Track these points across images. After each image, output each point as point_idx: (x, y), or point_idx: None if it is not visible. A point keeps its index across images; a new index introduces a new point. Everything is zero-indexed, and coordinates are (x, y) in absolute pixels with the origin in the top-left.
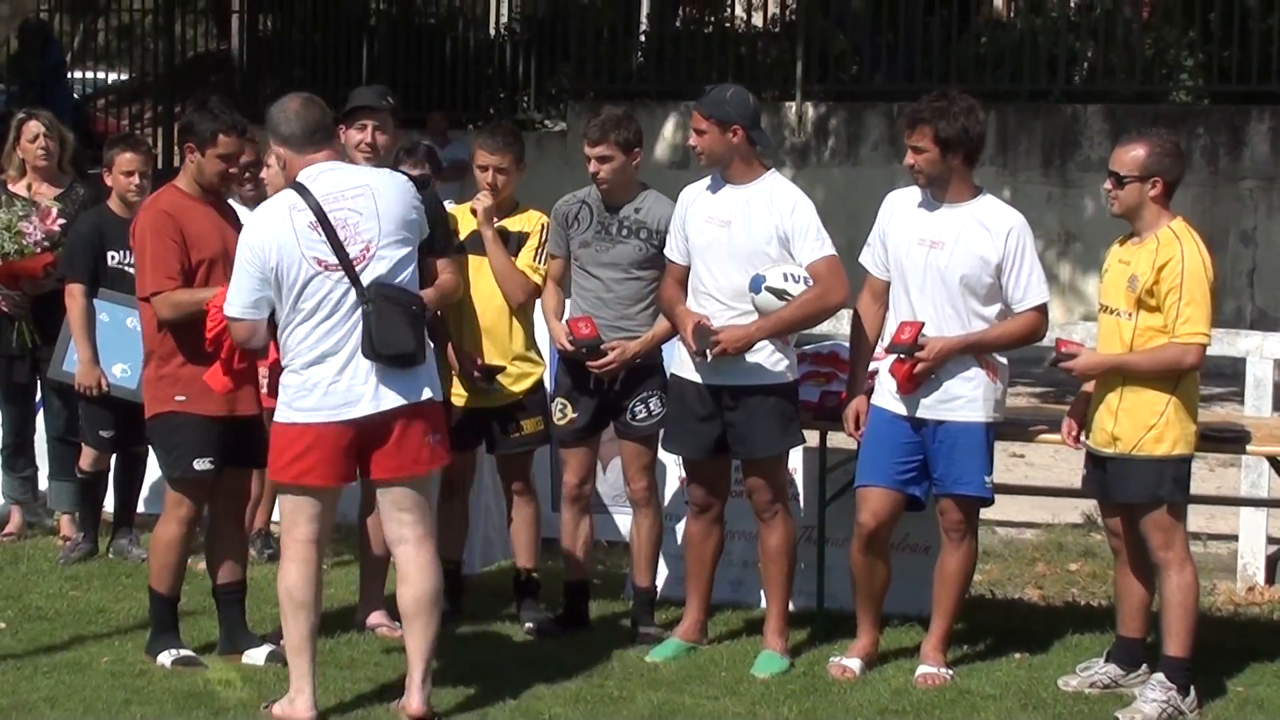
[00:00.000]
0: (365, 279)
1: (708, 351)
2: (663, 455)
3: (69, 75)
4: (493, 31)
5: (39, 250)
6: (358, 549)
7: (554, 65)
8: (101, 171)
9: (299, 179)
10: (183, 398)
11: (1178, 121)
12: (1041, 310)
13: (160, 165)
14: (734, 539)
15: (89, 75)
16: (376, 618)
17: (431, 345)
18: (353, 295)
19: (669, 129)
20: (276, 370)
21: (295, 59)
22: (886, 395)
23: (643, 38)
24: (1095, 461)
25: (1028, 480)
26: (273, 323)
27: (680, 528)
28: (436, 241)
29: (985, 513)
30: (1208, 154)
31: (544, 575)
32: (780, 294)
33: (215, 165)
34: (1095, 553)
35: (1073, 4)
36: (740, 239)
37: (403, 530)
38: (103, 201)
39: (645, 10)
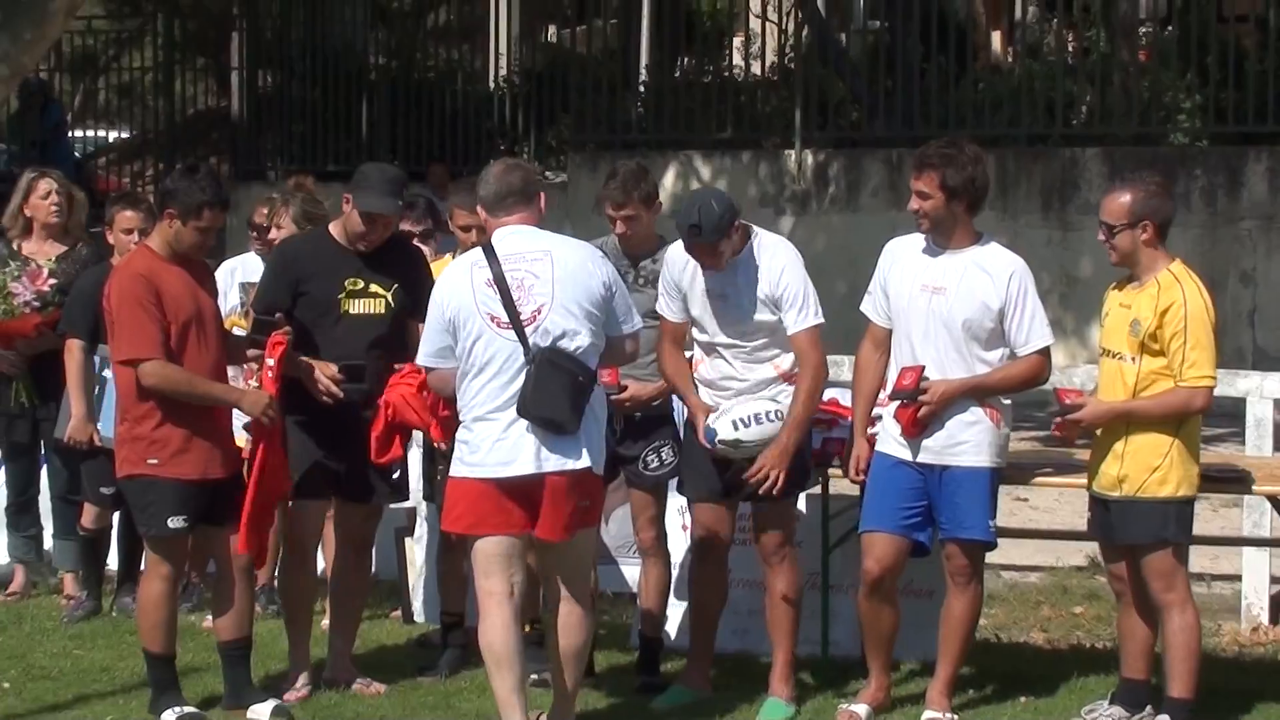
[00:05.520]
0: (533, 340)
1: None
2: (673, 504)
3: (70, 134)
4: (492, 84)
5: (27, 310)
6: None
7: (553, 117)
8: (104, 229)
9: (491, 238)
10: (154, 461)
11: (1176, 163)
12: (1044, 354)
13: None
14: (739, 587)
15: (90, 134)
16: (349, 675)
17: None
18: (520, 355)
19: (669, 179)
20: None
21: (295, 114)
22: (890, 441)
23: (642, 88)
24: (1100, 505)
25: (1031, 524)
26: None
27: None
28: (420, 303)
29: (989, 556)
30: (1206, 195)
31: (548, 626)
32: (734, 444)
33: (193, 237)
34: (1100, 595)
35: (1070, 48)
36: (735, 311)
37: (554, 586)
38: (105, 260)
39: (644, 61)
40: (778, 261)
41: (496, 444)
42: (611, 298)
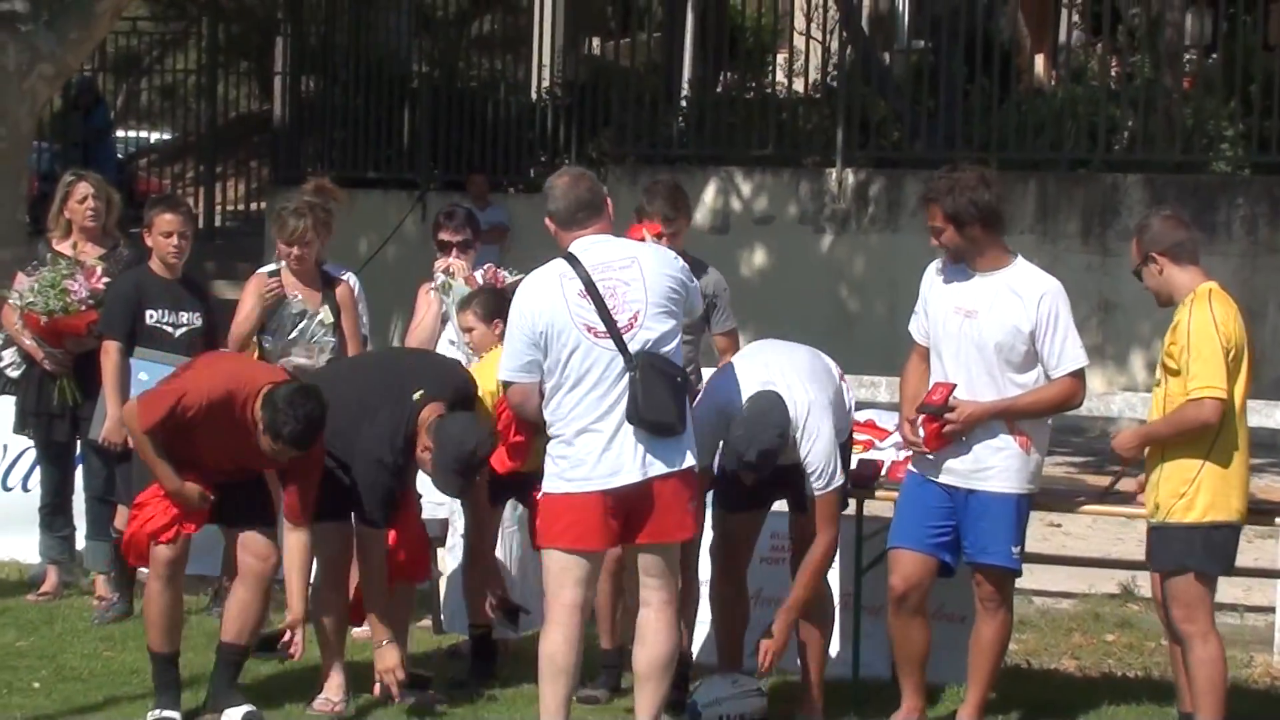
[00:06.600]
0: (633, 347)
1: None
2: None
3: (114, 135)
4: (534, 95)
5: (84, 308)
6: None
7: (595, 129)
8: (142, 231)
9: (571, 249)
10: None
11: (1218, 191)
12: (1078, 376)
13: (201, 225)
14: (768, 605)
15: (132, 134)
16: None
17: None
18: (620, 363)
19: (709, 194)
20: None
21: (337, 120)
22: (923, 459)
23: (683, 103)
24: (1149, 532)
25: (1065, 550)
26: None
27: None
28: None
29: (1022, 582)
30: (1248, 224)
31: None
32: None
33: (264, 445)
34: (1132, 623)
35: (1113, 73)
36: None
37: (647, 594)
38: (145, 262)
39: (686, 75)
40: (808, 438)
41: (604, 455)
42: (688, 293)
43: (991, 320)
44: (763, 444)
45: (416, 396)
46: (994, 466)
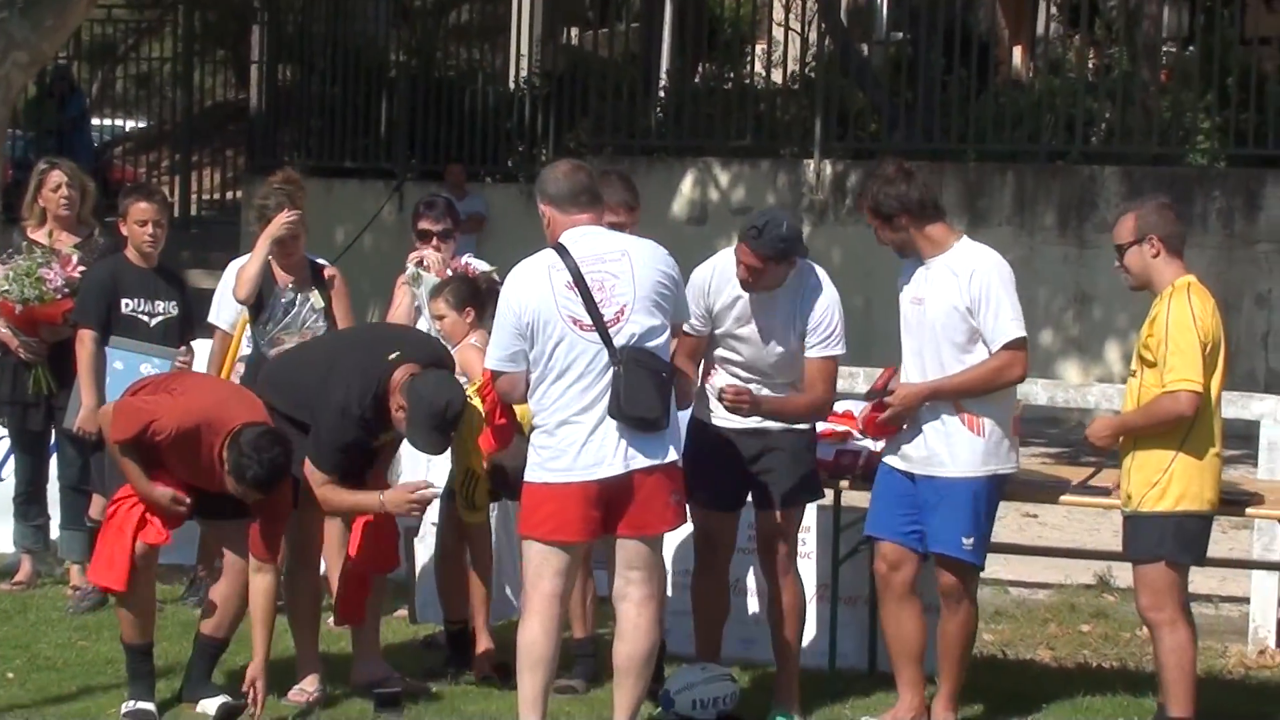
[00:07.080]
0: (618, 341)
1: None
2: None
3: (89, 123)
4: (512, 85)
5: (59, 296)
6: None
7: (573, 120)
8: (117, 220)
9: (561, 239)
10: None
11: (1194, 184)
12: (1015, 347)
13: (176, 214)
14: (746, 594)
15: (107, 123)
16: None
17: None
18: (605, 356)
19: (687, 185)
20: None
21: (314, 109)
22: (890, 449)
23: (662, 93)
24: (1124, 521)
25: (1040, 540)
26: None
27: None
28: None
29: (998, 572)
30: (1223, 217)
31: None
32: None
33: (230, 485)
34: (1108, 614)
35: (1091, 65)
36: (769, 338)
37: (628, 588)
38: (120, 250)
39: (665, 66)
40: (816, 295)
41: (585, 447)
42: (678, 290)
43: (935, 304)
44: (775, 216)
45: (392, 357)
46: (942, 452)
